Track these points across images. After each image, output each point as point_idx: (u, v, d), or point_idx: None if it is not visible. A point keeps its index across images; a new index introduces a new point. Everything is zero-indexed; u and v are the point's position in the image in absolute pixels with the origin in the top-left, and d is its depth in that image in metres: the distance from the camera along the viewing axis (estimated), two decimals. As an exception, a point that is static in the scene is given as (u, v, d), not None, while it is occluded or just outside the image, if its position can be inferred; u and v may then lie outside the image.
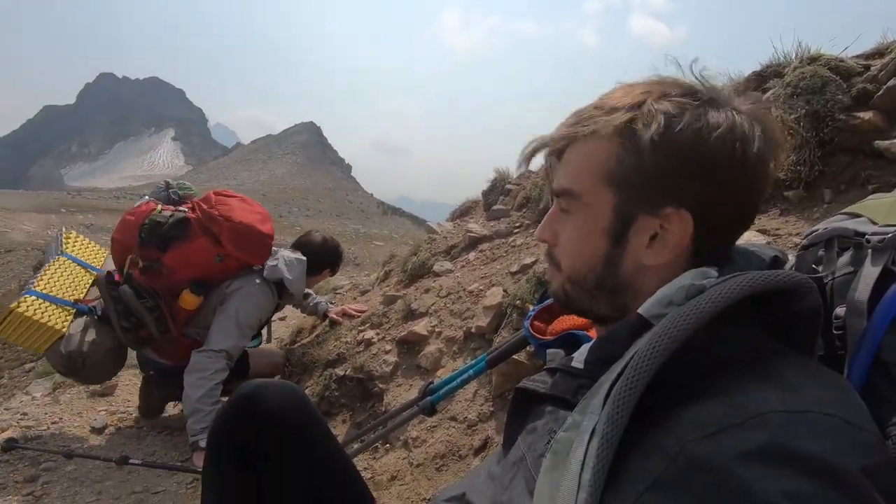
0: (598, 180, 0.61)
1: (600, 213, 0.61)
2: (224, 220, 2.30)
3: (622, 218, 0.60)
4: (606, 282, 0.62)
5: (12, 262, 18.46)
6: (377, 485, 1.75)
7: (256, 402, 0.94)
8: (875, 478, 0.41)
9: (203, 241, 2.31)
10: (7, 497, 1.99)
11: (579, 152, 0.63)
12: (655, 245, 0.60)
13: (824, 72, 1.79)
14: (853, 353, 0.57)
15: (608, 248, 0.62)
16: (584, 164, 0.62)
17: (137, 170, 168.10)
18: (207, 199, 2.42)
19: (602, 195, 0.61)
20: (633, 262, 0.61)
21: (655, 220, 0.59)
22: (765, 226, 1.71)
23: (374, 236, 39.00)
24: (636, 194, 0.59)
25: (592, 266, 0.63)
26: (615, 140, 0.59)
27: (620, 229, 0.61)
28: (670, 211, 0.58)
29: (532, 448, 0.61)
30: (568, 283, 0.66)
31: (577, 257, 0.65)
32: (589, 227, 0.63)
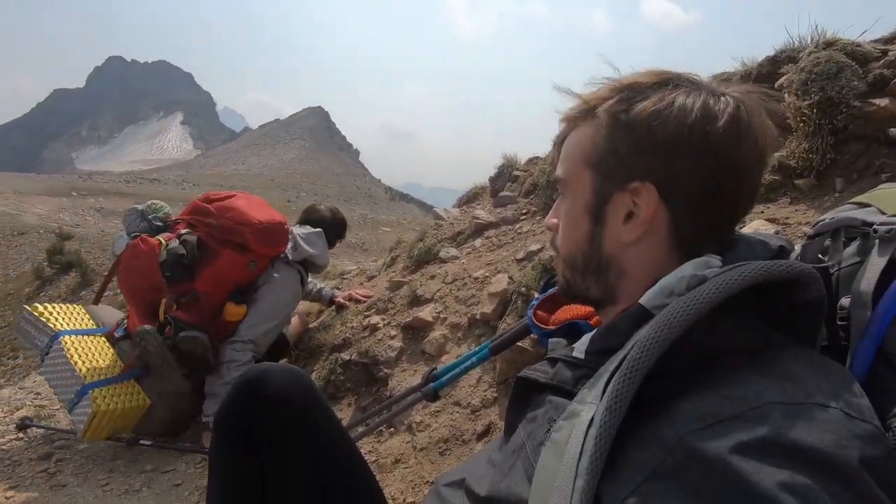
0: (580, 164, 0.66)
1: (582, 193, 0.66)
2: (244, 226, 2.21)
3: (599, 196, 0.65)
4: (592, 260, 0.66)
5: (25, 245, 18.71)
6: (381, 468, 1.78)
7: (261, 386, 0.95)
8: (874, 470, 0.41)
9: (228, 254, 2.22)
10: (22, 474, 2.04)
11: (569, 141, 0.68)
12: (631, 222, 0.63)
13: (840, 57, 1.75)
14: (856, 343, 0.56)
15: (590, 227, 0.66)
16: (572, 150, 0.67)
17: (147, 154, 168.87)
18: (204, 210, 2.28)
19: (583, 177, 0.66)
20: (613, 240, 0.64)
21: (627, 197, 0.62)
22: (774, 214, 1.69)
23: (381, 222, 39.08)
24: (608, 173, 0.63)
25: (579, 245, 0.67)
26: (590, 124, 0.64)
27: (599, 207, 0.65)
28: (636, 185, 0.61)
29: (532, 436, 0.62)
30: (566, 268, 0.70)
31: (568, 239, 0.69)
32: (574, 209, 0.67)
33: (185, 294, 2.19)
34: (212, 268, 2.21)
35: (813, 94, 1.73)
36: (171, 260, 2.16)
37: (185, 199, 38.17)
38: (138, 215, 2.38)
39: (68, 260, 15.38)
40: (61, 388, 2.12)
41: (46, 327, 2.25)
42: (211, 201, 2.32)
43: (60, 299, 14.81)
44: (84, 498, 1.91)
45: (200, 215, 2.29)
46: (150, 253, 2.17)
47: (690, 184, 0.60)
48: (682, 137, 0.58)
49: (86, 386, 2.04)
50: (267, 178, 66.27)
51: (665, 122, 0.59)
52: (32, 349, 2.29)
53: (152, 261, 2.15)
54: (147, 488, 1.96)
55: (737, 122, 0.59)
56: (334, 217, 2.72)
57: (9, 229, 20.46)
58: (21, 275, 16.63)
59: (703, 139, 0.58)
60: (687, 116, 0.58)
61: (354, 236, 29.66)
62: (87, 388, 2.04)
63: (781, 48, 2.09)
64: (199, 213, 2.30)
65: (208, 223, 2.25)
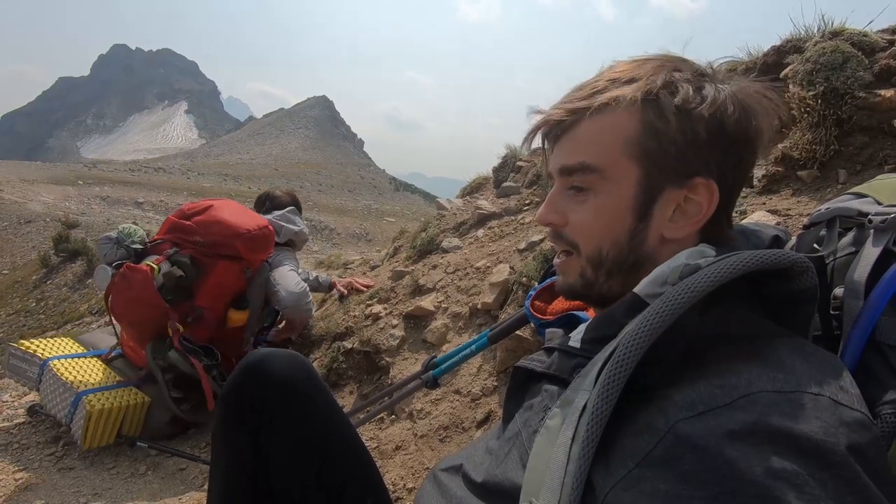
0: (622, 153, 0.59)
1: (625, 187, 0.60)
2: (233, 238, 2.20)
3: (648, 191, 0.60)
4: (627, 259, 0.62)
5: (32, 233, 18.82)
6: (382, 454, 1.80)
7: (264, 369, 0.96)
8: (862, 457, 0.42)
9: (222, 265, 2.22)
10: (30, 457, 2.08)
11: (597, 125, 0.60)
12: (677, 217, 0.60)
13: (846, 47, 1.73)
14: (848, 333, 0.57)
15: (633, 224, 0.61)
16: (605, 136, 0.60)
17: (151, 143, 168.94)
18: (187, 229, 2.23)
19: (627, 168, 0.60)
20: (655, 237, 0.61)
21: (680, 192, 0.59)
22: (776, 206, 1.69)
23: (385, 212, 39.02)
24: (664, 166, 0.59)
25: (616, 243, 0.62)
26: (638, 110, 0.58)
27: (646, 203, 0.60)
28: (699, 181, 0.59)
29: (527, 424, 0.63)
30: (589, 267, 0.64)
31: (600, 236, 0.62)
32: (613, 203, 0.61)
33: (189, 313, 2.18)
34: (209, 282, 2.20)
35: (818, 85, 1.72)
36: (171, 284, 2.11)
37: (189, 188, 38.22)
38: (113, 244, 2.26)
39: (74, 248, 15.47)
40: (59, 406, 2.08)
41: (34, 357, 2.21)
42: (189, 216, 2.27)
43: (67, 287, 14.92)
44: (91, 481, 1.94)
45: (184, 233, 2.24)
46: (145, 280, 2.09)
47: (734, 178, 0.61)
48: (738, 135, 0.59)
49: (79, 394, 2.02)
50: (271, 168, 66.22)
51: (723, 117, 0.58)
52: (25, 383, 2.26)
53: (149, 288, 2.08)
54: (152, 472, 2.00)
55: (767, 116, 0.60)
56: (293, 197, 2.84)
57: (15, 217, 20.57)
58: (27, 263, 16.75)
59: (751, 133, 0.59)
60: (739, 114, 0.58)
61: (358, 227, 29.68)
62: (80, 395, 2.01)
63: (787, 38, 2.07)
64: (182, 231, 2.24)
65: (195, 241, 2.21)
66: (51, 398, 2.10)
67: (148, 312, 2.11)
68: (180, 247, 2.22)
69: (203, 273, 2.18)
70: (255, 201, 2.83)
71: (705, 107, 0.57)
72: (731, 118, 0.58)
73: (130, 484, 1.93)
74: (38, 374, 2.16)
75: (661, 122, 0.58)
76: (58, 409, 2.07)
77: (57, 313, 13.37)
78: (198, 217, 2.25)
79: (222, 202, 2.38)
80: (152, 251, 2.24)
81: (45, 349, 2.27)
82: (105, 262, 2.24)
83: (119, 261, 2.20)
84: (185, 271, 2.14)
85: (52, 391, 2.10)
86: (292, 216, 2.64)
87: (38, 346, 2.29)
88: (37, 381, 2.17)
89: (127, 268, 2.13)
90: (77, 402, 2.00)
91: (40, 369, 2.15)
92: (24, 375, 2.23)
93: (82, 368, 2.17)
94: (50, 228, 18.50)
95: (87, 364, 2.22)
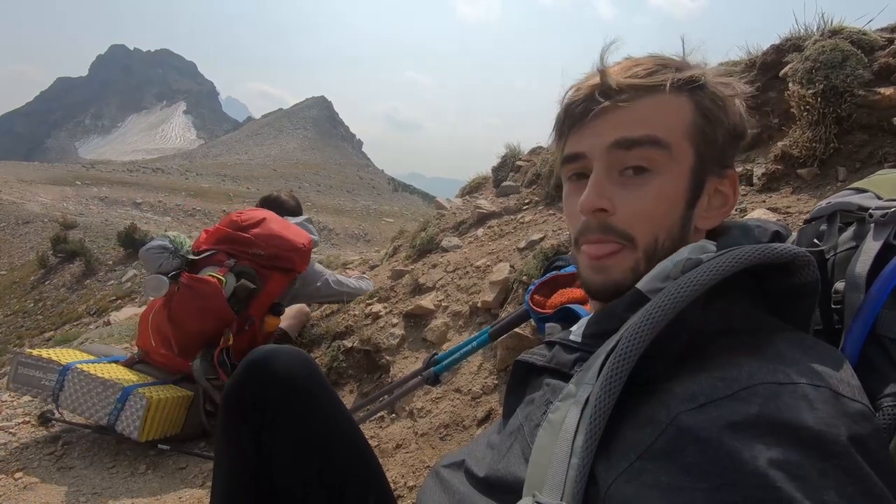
0: (683, 134, 0.59)
1: (683, 171, 0.59)
2: (292, 252, 2.32)
3: (699, 178, 0.60)
4: (674, 249, 0.59)
5: (30, 234, 18.80)
6: (383, 452, 1.80)
7: (268, 365, 0.96)
8: (862, 447, 0.42)
9: (276, 278, 2.32)
10: (29, 456, 2.08)
11: (660, 103, 0.59)
12: (710, 207, 0.62)
13: (845, 45, 1.74)
14: (849, 326, 0.57)
15: (684, 211, 0.60)
16: (670, 114, 0.59)
17: (149, 143, 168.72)
18: (246, 241, 2.28)
19: (686, 152, 0.59)
20: (693, 227, 0.62)
21: (715, 183, 0.61)
22: (776, 203, 1.69)
23: (384, 213, 39.01)
24: (713, 154, 0.60)
25: (671, 233, 0.59)
26: (694, 96, 0.59)
27: (696, 190, 0.60)
28: (731, 172, 0.62)
29: (529, 418, 0.63)
30: (644, 261, 0.59)
31: (659, 225, 0.59)
32: (675, 187, 0.59)
33: (246, 322, 2.23)
34: (264, 293, 2.28)
35: (817, 83, 1.72)
36: (243, 295, 2.19)
37: (187, 188, 38.13)
38: (169, 254, 2.23)
39: (72, 248, 15.44)
40: (94, 407, 1.99)
41: (51, 363, 2.10)
42: (245, 228, 2.31)
43: (65, 288, 14.91)
44: (91, 480, 1.94)
45: (242, 245, 2.29)
46: (217, 292, 2.13)
47: None
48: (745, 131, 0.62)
49: (127, 389, 1.97)
50: (269, 168, 66.18)
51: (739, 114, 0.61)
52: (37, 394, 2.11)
53: (221, 299, 2.13)
54: (152, 471, 1.99)
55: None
56: (297, 201, 2.93)
57: (13, 218, 20.51)
58: (25, 263, 16.71)
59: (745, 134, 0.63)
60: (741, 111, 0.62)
61: (357, 227, 29.68)
62: (128, 389, 1.97)
63: (787, 36, 2.07)
64: (240, 242, 2.29)
65: (254, 253, 2.27)
66: (82, 401, 2.01)
67: (214, 323, 2.15)
68: (238, 258, 2.26)
69: (262, 285, 2.27)
70: (262, 202, 2.84)
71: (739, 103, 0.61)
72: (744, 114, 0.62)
73: (130, 483, 1.93)
74: (59, 380, 2.05)
75: (714, 110, 0.59)
76: (94, 410, 1.99)
77: (55, 314, 13.36)
78: (255, 230, 2.31)
79: (269, 214, 2.45)
80: (206, 261, 2.26)
81: (60, 357, 2.17)
82: (160, 271, 2.19)
83: (175, 271, 2.19)
84: (255, 284, 2.22)
85: (84, 393, 2.01)
86: (309, 225, 2.71)
87: (52, 354, 2.18)
88: (56, 388, 2.05)
89: (191, 279, 2.16)
90: (126, 396, 1.97)
91: (61, 375, 2.06)
92: (36, 385, 2.11)
93: (111, 370, 2.11)
94: (48, 229, 18.45)
95: (111, 368, 2.15)
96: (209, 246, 2.31)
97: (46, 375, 2.09)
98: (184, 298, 2.14)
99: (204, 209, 27.49)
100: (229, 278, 2.20)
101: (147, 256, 2.25)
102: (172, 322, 2.16)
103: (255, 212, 2.45)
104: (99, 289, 13.40)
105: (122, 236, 14.68)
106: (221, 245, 2.30)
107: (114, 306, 11.02)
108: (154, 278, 2.18)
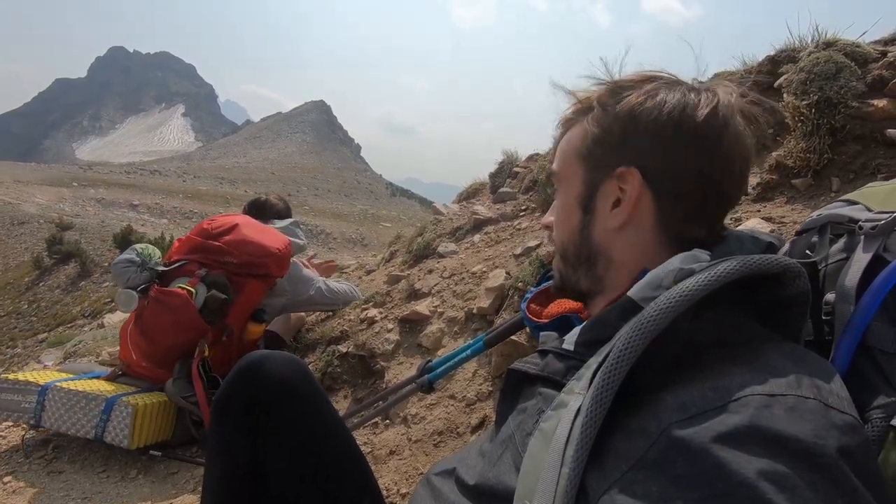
0: (573, 157, 0.69)
1: (574, 185, 0.69)
2: (266, 258, 2.23)
3: (589, 186, 0.67)
4: (582, 251, 0.69)
5: (25, 235, 18.71)
6: (376, 459, 1.79)
7: (261, 370, 0.96)
8: (851, 459, 0.42)
9: (252, 285, 2.24)
10: (19, 460, 2.06)
11: (564, 139, 0.71)
12: (618, 208, 0.65)
13: (839, 57, 1.76)
14: (839, 337, 0.57)
15: (581, 217, 0.68)
16: (565, 147, 0.71)
17: (147, 145, 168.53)
18: (217, 249, 2.21)
19: (575, 169, 0.69)
20: (601, 229, 0.67)
21: (615, 184, 0.65)
22: (770, 213, 1.70)
23: (382, 217, 39.04)
24: (597, 162, 0.67)
25: (572, 237, 0.70)
26: (582, 119, 0.68)
27: (589, 197, 0.68)
28: (622, 170, 0.64)
29: (521, 427, 0.63)
30: (560, 261, 0.72)
31: (562, 231, 0.71)
32: (567, 201, 0.70)
33: (224, 332, 2.18)
34: (240, 301, 2.21)
35: (812, 94, 1.74)
36: (214, 306, 2.12)
37: (184, 190, 38.08)
38: (137, 267, 2.16)
39: (68, 250, 15.37)
40: (79, 422, 1.96)
41: (29, 385, 2.03)
42: (216, 236, 2.24)
43: (59, 290, 14.85)
44: (81, 484, 1.92)
45: (213, 254, 2.22)
46: (186, 305, 2.07)
47: (673, 170, 0.63)
48: (663, 125, 0.62)
49: (110, 399, 1.93)
50: (268, 172, 66.19)
51: (648, 111, 0.62)
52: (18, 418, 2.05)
53: (191, 311, 2.07)
54: (143, 476, 1.98)
55: (715, 114, 0.61)
56: (287, 204, 2.87)
57: (9, 218, 20.41)
58: (20, 264, 16.62)
59: (683, 127, 0.61)
60: (666, 106, 0.62)
61: (355, 231, 29.67)
62: (112, 399, 1.94)
63: (782, 48, 2.09)
64: (211, 251, 2.23)
65: (225, 261, 2.20)
66: (66, 417, 1.97)
67: (187, 335, 2.10)
68: (210, 267, 2.20)
69: (235, 293, 2.20)
70: (248, 206, 2.78)
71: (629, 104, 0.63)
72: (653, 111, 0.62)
73: (121, 488, 1.91)
74: (39, 400, 2.00)
75: (591, 126, 0.67)
76: (80, 425, 1.96)
77: (49, 315, 13.29)
78: (227, 237, 2.23)
79: (243, 219, 2.37)
80: (176, 272, 2.19)
81: (38, 378, 2.10)
82: (128, 286, 2.14)
83: (144, 284, 2.14)
84: (227, 294, 2.15)
85: (66, 410, 1.97)
86: (295, 229, 2.64)
87: (28, 376, 2.10)
88: (37, 409, 1.99)
89: (160, 292, 2.09)
90: (110, 407, 1.93)
91: (40, 395, 2.00)
92: (16, 409, 2.03)
93: (92, 385, 2.06)
94: (44, 230, 18.36)
95: (92, 383, 2.10)
96: (180, 256, 2.25)
97: (25, 398, 2.02)
98: (154, 312, 2.09)
99: (201, 212, 27.44)
100: (200, 289, 2.13)
101: (115, 271, 2.20)
102: (145, 336, 2.12)
103: (228, 218, 2.37)
104: (94, 291, 13.35)
105: (118, 238, 14.63)
106: (193, 255, 2.24)
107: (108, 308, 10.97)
108: (123, 293, 2.14)
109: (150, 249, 2.25)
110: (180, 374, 2.08)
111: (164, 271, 2.18)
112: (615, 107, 0.65)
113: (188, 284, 2.12)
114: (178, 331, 2.09)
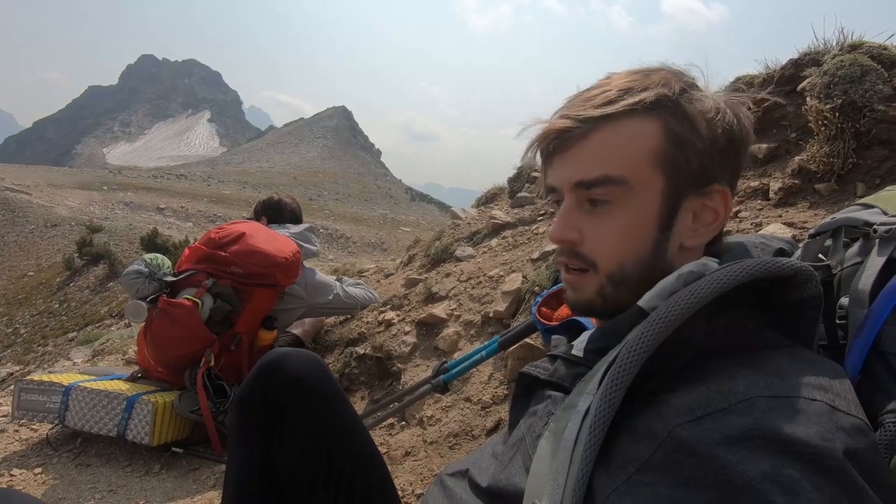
0: (646, 162, 0.57)
1: (650, 198, 0.58)
2: (273, 268, 2.22)
3: (672, 201, 0.58)
4: (651, 273, 0.59)
5: (57, 237, 19.33)
6: (392, 459, 1.81)
7: (281, 367, 0.98)
8: (858, 462, 0.42)
9: (260, 294, 2.24)
10: (49, 453, 2.13)
11: (616, 134, 0.58)
12: (696, 225, 0.60)
13: (865, 60, 1.72)
14: (852, 341, 0.57)
15: (657, 235, 0.59)
16: (627, 146, 0.57)
17: (174, 150, 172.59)
18: (223, 260, 2.20)
19: (652, 178, 0.58)
20: (675, 247, 0.60)
21: (699, 200, 0.59)
22: (792, 219, 1.67)
23: (401, 222, 39.22)
24: (687, 173, 0.58)
25: (640, 258, 0.59)
26: (659, 117, 0.57)
27: (670, 213, 0.59)
28: (717, 188, 0.60)
29: (531, 429, 0.63)
30: (609, 285, 0.61)
31: (624, 253, 0.60)
32: (638, 216, 0.58)
33: (232, 342, 2.20)
34: (248, 310, 2.22)
35: (835, 98, 1.71)
36: (220, 317, 2.13)
37: (209, 194, 38.86)
38: (145, 278, 2.18)
39: (97, 252, 15.82)
40: (102, 420, 2.02)
41: (53, 385, 2.11)
42: (222, 246, 2.24)
43: (89, 290, 15.29)
44: (107, 477, 1.98)
45: (220, 264, 2.22)
46: (192, 316, 2.08)
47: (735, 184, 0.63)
48: (746, 139, 0.61)
49: (131, 398, 1.99)
50: (290, 176, 67.16)
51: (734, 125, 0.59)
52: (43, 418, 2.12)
53: (197, 323, 2.08)
54: (166, 471, 2.03)
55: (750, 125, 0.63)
56: (294, 203, 2.87)
57: (42, 221, 21.11)
58: (53, 265, 17.17)
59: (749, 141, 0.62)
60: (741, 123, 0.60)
61: (374, 235, 29.87)
62: (133, 398, 1.99)
63: (805, 51, 2.06)
64: (218, 262, 2.22)
65: (232, 272, 2.20)
66: (90, 416, 2.04)
67: (193, 346, 2.11)
68: (217, 277, 2.20)
69: (242, 302, 2.21)
70: (262, 205, 2.77)
71: (721, 114, 0.58)
72: (736, 126, 0.60)
73: (145, 482, 1.96)
74: (63, 400, 2.07)
75: (683, 129, 0.57)
76: (103, 424, 2.02)
77: (78, 315, 13.69)
78: (233, 247, 2.22)
79: (251, 226, 2.35)
80: (184, 283, 2.21)
81: (61, 379, 2.19)
82: (138, 297, 2.17)
83: (152, 295, 2.16)
84: (232, 304, 2.16)
85: (90, 408, 2.04)
86: (309, 234, 2.65)
87: (52, 378, 2.19)
88: (61, 408, 2.07)
89: (167, 303, 2.11)
90: (131, 405, 1.99)
91: (65, 395, 2.08)
92: (41, 409, 2.11)
93: (113, 385, 2.13)
94: (75, 232, 18.93)
95: (113, 383, 2.18)
96: (189, 265, 2.25)
97: (50, 398, 2.10)
98: (161, 323, 2.11)
99: (225, 215, 27.98)
100: (206, 300, 2.13)
101: (124, 282, 2.23)
102: (154, 346, 2.16)
103: (235, 226, 2.34)
104: (121, 291, 13.70)
105: (144, 240, 15.01)
106: (201, 265, 2.24)
107: (135, 309, 11.21)
108: (133, 304, 2.17)
109: (158, 259, 2.27)
110: (189, 384, 2.10)
111: (173, 281, 2.20)
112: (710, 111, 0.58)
113: (195, 295, 2.13)
114: (183, 342, 2.11)
